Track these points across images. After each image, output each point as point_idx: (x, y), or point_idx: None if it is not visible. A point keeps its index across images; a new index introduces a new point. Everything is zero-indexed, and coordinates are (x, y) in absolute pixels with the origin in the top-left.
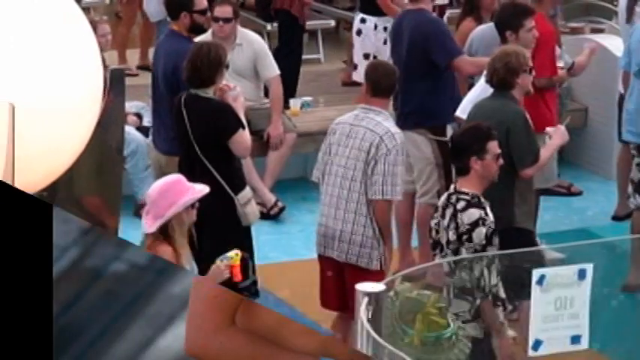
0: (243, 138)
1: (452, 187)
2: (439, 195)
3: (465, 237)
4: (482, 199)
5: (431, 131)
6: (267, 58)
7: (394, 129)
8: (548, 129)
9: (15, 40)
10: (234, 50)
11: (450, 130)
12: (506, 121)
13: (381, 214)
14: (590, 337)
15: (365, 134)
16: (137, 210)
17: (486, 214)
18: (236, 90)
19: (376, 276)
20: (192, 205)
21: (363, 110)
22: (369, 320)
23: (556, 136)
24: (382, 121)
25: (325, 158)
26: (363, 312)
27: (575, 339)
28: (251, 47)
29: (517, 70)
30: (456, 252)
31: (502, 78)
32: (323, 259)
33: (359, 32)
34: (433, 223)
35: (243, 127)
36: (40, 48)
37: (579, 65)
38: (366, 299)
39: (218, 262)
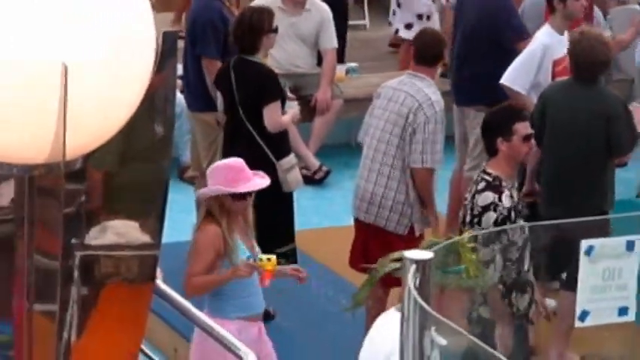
0: (275, 112)
1: (483, 165)
2: None
3: (475, 220)
4: (505, 183)
5: (487, 107)
6: (330, 28)
7: (435, 96)
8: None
9: (69, 2)
10: (302, 15)
11: None
12: (607, 108)
13: (421, 183)
14: (638, 309)
15: (405, 99)
16: (180, 173)
17: (500, 199)
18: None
19: (402, 241)
20: (240, 197)
21: (409, 76)
22: (416, 288)
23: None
24: (424, 87)
25: (367, 120)
26: (410, 279)
27: (623, 311)
28: (319, 14)
29: (606, 64)
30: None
31: (588, 74)
32: (355, 220)
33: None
34: (465, 199)
35: (283, 100)
36: (94, 10)
37: (624, 41)
38: (414, 266)
39: (260, 258)
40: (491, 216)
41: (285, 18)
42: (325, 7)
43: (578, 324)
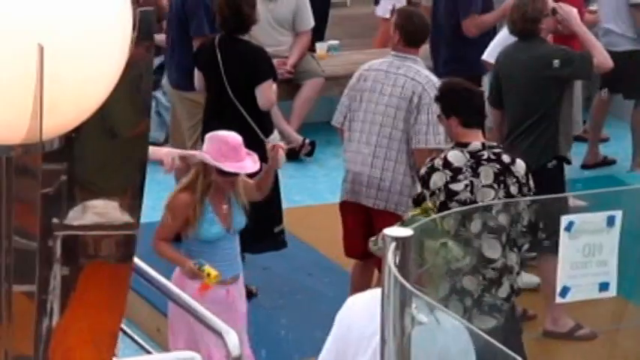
0: (271, 89)
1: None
2: None
3: None
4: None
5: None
6: (306, 10)
7: (434, 77)
8: None
9: None
10: (277, 1)
11: (485, 81)
12: (548, 56)
13: (422, 160)
14: (618, 284)
15: (406, 82)
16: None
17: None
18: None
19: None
20: (226, 174)
21: (398, 58)
22: (396, 265)
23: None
24: (421, 69)
25: (354, 105)
26: (391, 257)
27: (604, 286)
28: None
29: (537, 18)
30: None
31: (522, 28)
32: (349, 205)
33: None
34: None
35: (275, 79)
36: None
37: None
38: (393, 244)
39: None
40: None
41: (263, 3)
42: None
43: (559, 300)
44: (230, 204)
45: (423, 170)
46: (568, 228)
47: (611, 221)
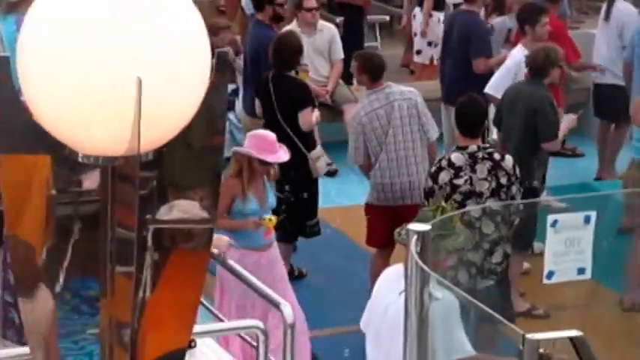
0: (310, 115)
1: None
2: None
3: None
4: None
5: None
6: (338, 42)
7: (405, 88)
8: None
9: (144, 27)
10: (316, 35)
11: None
12: (535, 103)
13: (435, 151)
14: (592, 269)
15: (407, 103)
16: None
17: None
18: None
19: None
20: (265, 162)
21: (376, 92)
22: (417, 253)
23: (565, 122)
24: (395, 88)
25: (374, 142)
26: (413, 247)
27: (581, 270)
28: (329, 33)
29: (554, 63)
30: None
31: (540, 66)
32: (374, 207)
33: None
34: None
35: (314, 107)
36: (162, 33)
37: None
38: (415, 236)
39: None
40: None
41: (305, 37)
42: (332, 26)
43: (545, 281)
44: (264, 186)
45: (432, 169)
46: (553, 225)
47: (587, 220)
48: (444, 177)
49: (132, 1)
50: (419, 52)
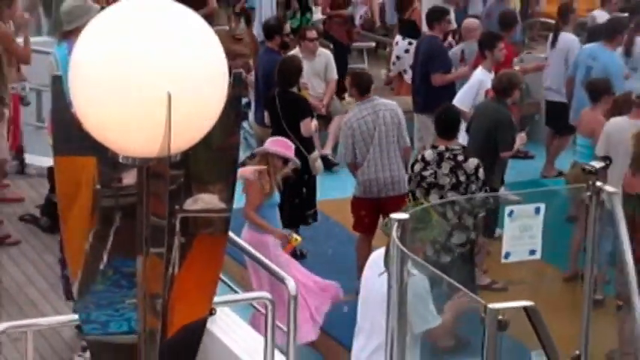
0: (309, 124)
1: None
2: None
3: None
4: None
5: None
6: (333, 65)
7: (388, 100)
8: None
9: (176, 53)
10: (315, 59)
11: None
12: (497, 119)
13: (409, 154)
14: (542, 251)
15: (390, 113)
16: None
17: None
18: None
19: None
20: (286, 162)
21: (364, 103)
22: (398, 238)
23: (518, 139)
24: (380, 100)
25: (362, 144)
26: (395, 232)
27: (532, 252)
28: (325, 57)
29: (516, 85)
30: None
31: (504, 88)
32: (363, 200)
33: (407, 50)
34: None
35: (312, 117)
36: (191, 58)
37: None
38: (396, 224)
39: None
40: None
41: (306, 62)
42: (328, 52)
43: (503, 260)
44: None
45: (411, 161)
46: (510, 214)
47: (537, 210)
48: (416, 168)
49: (165, 35)
50: (406, 71)
